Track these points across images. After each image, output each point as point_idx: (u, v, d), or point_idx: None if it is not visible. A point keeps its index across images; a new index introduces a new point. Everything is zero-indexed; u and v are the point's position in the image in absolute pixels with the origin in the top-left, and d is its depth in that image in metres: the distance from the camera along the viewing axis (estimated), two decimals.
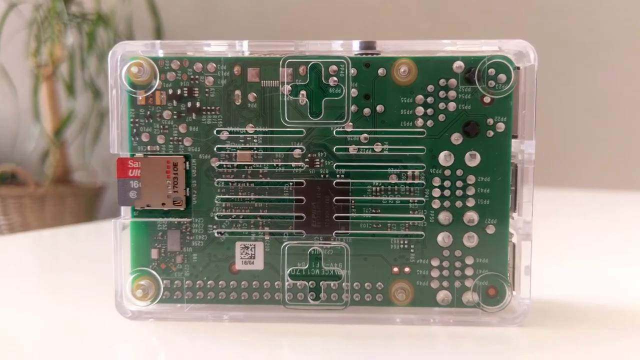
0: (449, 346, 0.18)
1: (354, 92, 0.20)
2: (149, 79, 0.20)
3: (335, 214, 0.20)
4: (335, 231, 0.20)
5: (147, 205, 0.20)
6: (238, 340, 0.18)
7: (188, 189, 0.20)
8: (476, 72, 0.19)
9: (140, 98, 0.20)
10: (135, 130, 0.20)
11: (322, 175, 0.20)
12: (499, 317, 0.20)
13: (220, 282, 0.20)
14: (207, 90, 0.20)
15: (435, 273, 0.20)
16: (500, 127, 0.20)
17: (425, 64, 0.20)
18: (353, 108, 0.20)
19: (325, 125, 0.20)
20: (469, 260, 0.20)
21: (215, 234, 0.20)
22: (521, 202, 0.20)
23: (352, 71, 0.20)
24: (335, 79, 0.20)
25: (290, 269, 0.20)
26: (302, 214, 0.20)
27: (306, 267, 0.20)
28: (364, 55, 0.20)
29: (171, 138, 0.20)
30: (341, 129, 0.20)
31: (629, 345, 0.18)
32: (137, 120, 0.20)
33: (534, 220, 0.19)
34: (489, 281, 0.20)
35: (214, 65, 0.20)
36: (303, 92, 0.20)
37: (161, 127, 0.20)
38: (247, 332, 0.19)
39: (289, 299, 0.20)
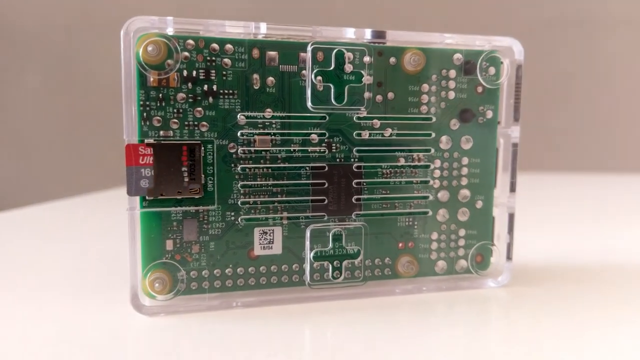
0: (446, 308, 0.21)
1: (369, 79, 0.21)
2: (162, 58, 0.19)
3: (355, 196, 0.21)
4: (355, 212, 0.21)
5: (161, 195, 0.19)
6: (269, 322, 0.19)
7: (203, 176, 0.19)
8: (478, 64, 0.21)
9: (152, 79, 0.19)
10: (145, 114, 0.19)
11: (337, 160, 0.21)
12: (486, 280, 0.23)
13: (239, 269, 0.20)
14: (224, 73, 0.19)
15: (434, 246, 0.22)
16: (489, 114, 0.22)
17: (431, 54, 0.21)
18: (367, 95, 0.21)
19: (343, 111, 0.21)
20: (462, 233, 0.23)
21: (240, 221, 0.20)
22: (506, 180, 0.23)
23: (368, 59, 0.20)
24: (351, 66, 0.20)
25: (315, 250, 0.21)
26: (324, 197, 0.21)
27: (329, 247, 0.21)
28: (376, 44, 0.21)
29: (186, 123, 0.19)
30: (361, 115, 0.21)
31: (596, 297, 0.22)
32: (147, 103, 0.19)
33: (517, 197, 0.23)
34: (477, 249, 0.23)
35: (232, 46, 0.19)
36: (320, 77, 0.20)
37: (175, 110, 0.19)
38: (274, 314, 0.19)
39: (314, 279, 0.21)
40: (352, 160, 0.21)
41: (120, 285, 0.22)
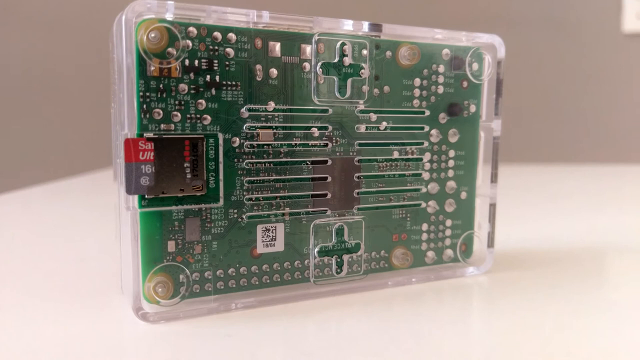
0: (435, 298, 0.21)
1: (368, 72, 0.21)
2: (164, 46, 0.17)
3: (355, 190, 0.21)
4: (356, 206, 0.21)
5: (163, 193, 0.18)
6: (275, 323, 0.18)
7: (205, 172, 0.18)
8: (466, 60, 0.22)
9: (154, 68, 0.17)
10: (145, 106, 0.17)
11: (337, 153, 0.21)
12: (469, 268, 0.24)
13: (241, 269, 0.19)
14: (227, 63, 0.18)
15: (424, 237, 0.23)
16: (473, 108, 0.23)
17: (423, 49, 0.22)
18: (366, 88, 0.21)
19: (345, 104, 0.20)
20: (448, 223, 0.23)
21: (244, 218, 0.19)
22: (487, 172, 0.24)
23: (365, 52, 0.20)
24: (351, 59, 0.20)
25: (320, 245, 0.20)
26: (326, 192, 0.20)
27: (333, 242, 0.21)
28: (373, 37, 0.21)
29: (188, 115, 0.18)
30: (364, 108, 0.21)
31: (573, 281, 0.24)
32: (147, 94, 0.17)
33: (499, 188, 0.24)
34: (462, 239, 0.24)
35: (234, 35, 0.18)
36: (320, 70, 0.20)
37: (176, 102, 0.18)
38: (278, 314, 0.19)
39: (317, 275, 0.20)
40: (351, 154, 0.21)
41: (104, 288, 0.20)
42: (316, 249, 0.20)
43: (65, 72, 0.85)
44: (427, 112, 0.22)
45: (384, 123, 0.21)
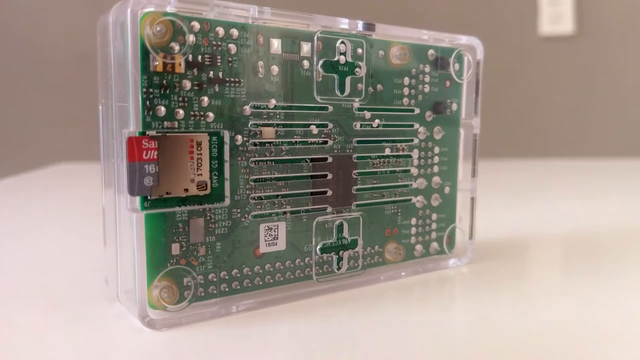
0: (422, 290, 0.22)
1: (364, 71, 0.21)
2: (168, 40, 0.17)
3: (354, 187, 0.21)
4: (355, 202, 0.21)
5: (167, 193, 0.17)
6: (282, 322, 0.18)
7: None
8: (451, 60, 0.23)
9: (157, 63, 0.16)
10: (148, 102, 0.16)
11: (335, 151, 0.21)
12: (452, 259, 0.25)
13: (245, 269, 0.19)
14: (230, 59, 0.18)
15: (413, 231, 0.23)
16: (454, 107, 0.24)
17: (413, 49, 0.22)
18: (361, 86, 0.21)
19: (343, 102, 0.20)
20: (434, 217, 0.24)
21: (247, 218, 0.19)
22: (468, 167, 0.25)
23: (360, 51, 0.21)
24: (348, 57, 0.20)
25: (322, 243, 0.20)
26: (327, 189, 0.20)
27: (334, 239, 0.21)
28: (367, 36, 0.21)
29: (192, 113, 0.17)
30: (359, 106, 0.21)
31: (546, 268, 0.25)
32: (150, 90, 0.16)
33: (478, 182, 0.25)
34: (446, 231, 0.24)
35: (237, 31, 0.18)
36: (321, 68, 0.20)
37: (180, 99, 0.17)
38: (283, 313, 0.19)
39: (319, 273, 0.20)
40: (348, 151, 0.21)
41: (87, 296, 0.19)
42: (318, 247, 0.20)
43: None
44: (417, 110, 0.23)
45: (377, 120, 0.22)
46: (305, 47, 0.19)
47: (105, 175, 0.19)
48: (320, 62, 0.20)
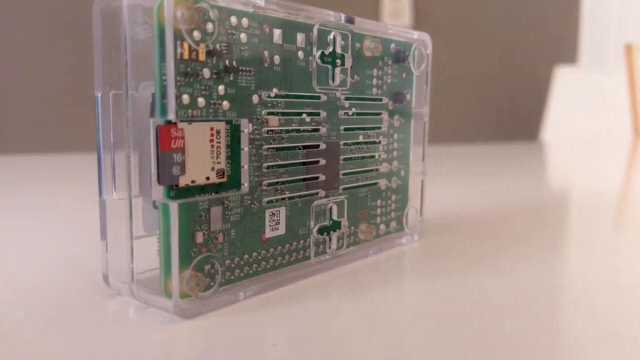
0: (386, 265, 0.24)
1: (350, 62, 0.22)
2: (193, 28, 0.16)
3: (341, 172, 0.22)
4: (342, 187, 0.23)
5: (192, 182, 0.17)
6: (293, 304, 0.19)
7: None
8: (410, 54, 0.25)
9: (183, 51, 0.16)
10: (176, 90, 0.16)
11: (323, 138, 0.22)
12: (405, 237, 0.27)
13: (253, 254, 0.20)
14: (242, 48, 0.18)
15: (378, 212, 0.26)
16: (408, 97, 0.27)
17: (382, 42, 0.24)
18: (347, 77, 0.22)
19: (334, 91, 0.22)
20: (394, 198, 0.27)
21: (256, 204, 0.19)
22: (418, 152, 0.27)
23: (342, 42, 0.22)
24: (339, 49, 0.22)
25: (319, 225, 0.21)
26: (322, 174, 0.22)
27: (327, 221, 0.22)
28: (348, 28, 0.22)
29: (212, 101, 0.17)
30: (345, 95, 0.22)
31: (494, 240, 0.29)
32: (178, 78, 0.16)
33: (427, 165, 0.28)
34: (402, 211, 0.27)
35: (247, 20, 0.18)
36: (318, 59, 0.21)
37: (202, 87, 0.17)
38: (282, 296, 0.20)
39: (315, 253, 0.22)
40: (333, 137, 0.22)
41: (85, 289, 0.18)
42: (316, 228, 0.21)
43: None
44: (385, 100, 0.25)
45: (353, 109, 0.23)
46: (302, 38, 0.20)
47: (108, 166, 0.18)
48: (318, 53, 0.21)
